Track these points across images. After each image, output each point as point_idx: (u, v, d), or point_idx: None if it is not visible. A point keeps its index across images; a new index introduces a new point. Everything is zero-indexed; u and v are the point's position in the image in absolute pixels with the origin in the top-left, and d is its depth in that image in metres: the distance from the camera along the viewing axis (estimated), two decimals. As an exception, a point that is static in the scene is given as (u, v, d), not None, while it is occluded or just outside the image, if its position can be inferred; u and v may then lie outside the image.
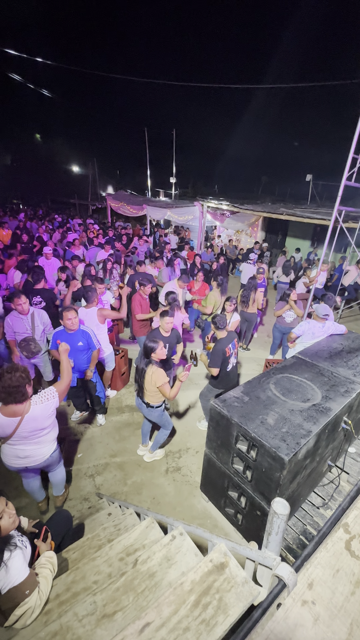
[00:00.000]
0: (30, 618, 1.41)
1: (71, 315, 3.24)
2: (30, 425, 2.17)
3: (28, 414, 2.13)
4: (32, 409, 2.16)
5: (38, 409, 2.18)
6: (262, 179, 29.62)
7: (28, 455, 2.29)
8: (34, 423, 2.18)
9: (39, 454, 2.34)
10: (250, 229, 12.95)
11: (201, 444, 3.76)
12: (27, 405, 2.13)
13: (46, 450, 2.38)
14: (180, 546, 1.56)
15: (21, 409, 2.10)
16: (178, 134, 20.39)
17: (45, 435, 2.32)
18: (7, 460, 2.30)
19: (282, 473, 2.10)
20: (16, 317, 3.73)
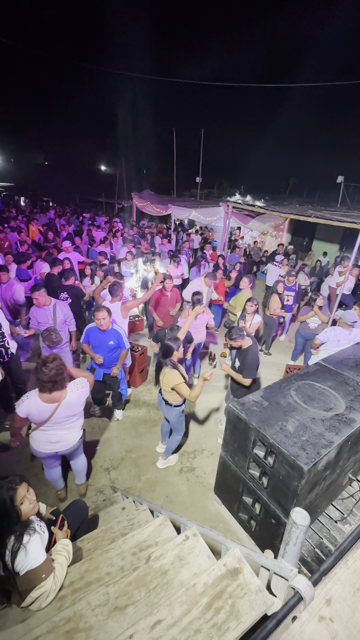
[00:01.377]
0: (45, 601, 1.46)
1: (101, 315, 3.32)
2: (65, 411, 2.29)
3: (64, 400, 2.27)
4: (69, 395, 2.29)
5: (74, 395, 2.32)
6: (290, 180, 28.94)
7: (59, 440, 2.41)
8: (69, 410, 2.31)
9: (69, 438, 2.46)
10: (276, 231, 12.68)
11: (216, 446, 3.73)
12: (64, 392, 2.27)
13: (75, 435, 2.51)
14: (193, 547, 1.55)
15: (59, 395, 2.24)
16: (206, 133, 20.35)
17: (75, 421, 2.45)
18: (38, 446, 2.41)
19: (300, 482, 2.04)
20: (39, 308, 3.89)
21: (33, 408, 2.22)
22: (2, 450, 3.39)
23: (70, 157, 29.17)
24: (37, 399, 2.22)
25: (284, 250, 10.10)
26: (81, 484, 2.97)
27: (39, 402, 2.21)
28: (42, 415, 2.24)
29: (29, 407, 2.22)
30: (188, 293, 5.17)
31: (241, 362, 3.31)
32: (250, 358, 3.22)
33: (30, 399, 2.22)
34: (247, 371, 3.22)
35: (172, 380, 2.87)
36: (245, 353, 3.28)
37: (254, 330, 4.29)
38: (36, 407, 2.21)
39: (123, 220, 15.75)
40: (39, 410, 2.22)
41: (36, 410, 2.22)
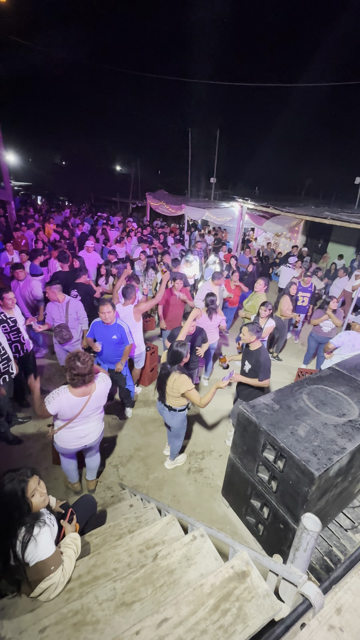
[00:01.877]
0: (53, 593, 1.48)
1: (106, 309, 3.36)
2: (95, 403, 2.39)
3: (95, 392, 2.36)
4: (98, 387, 2.39)
5: (102, 387, 2.42)
6: (306, 181, 28.48)
7: (87, 434, 2.51)
8: (98, 401, 2.41)
9: (95, 430, 2.57)
10: (290, 232, 12.52)
11: (225, 447, 3.71)
12: (94, 385, 2.36)
13: (100, 427, 2.63)
14: (200, 547, 1.55)
15: (89, 389, 2.32)
16: (221, 134, 20.28)
17: (100, 413, 2.56)
18: (67, 444, 2.47)
19: (310, 488, 2.01)
20: (53, 304, 3.98)
21: (64, 404, 2.26)
22: (15, 443, 3.47)
23: (86, 157, 29.60)
24: (69, 395, 2.27)
25: (298, 252, 9.95)
26: (92, 480, 3.01)
27: (70, 397, 2.27)
28: (73, 410, 2.30)
29: (61, 403, 2.26)
30: (199, 298, 5.18)
31: (253, 364, 3.24)
32: (263, 358, 3.17)
33: (61, 395, 2.26)
34: (263, 372, 3.15)
35: (183, 386, 2.78)
36: (257, 354, 3.22)
37: (267, 334, 4.24)
38: (67, 403, 2.27)
39: (137, 220, 15.86)
40: (70, 405, 2.28)
41: (67, 405, 2.27)
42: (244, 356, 3.39)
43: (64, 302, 4.00)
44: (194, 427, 4.04)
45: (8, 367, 3.14)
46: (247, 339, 3.22)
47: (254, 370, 3.24)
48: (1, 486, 1.43)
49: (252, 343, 3.24)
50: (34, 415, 3.88)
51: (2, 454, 3.34)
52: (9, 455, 3.34)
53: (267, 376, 3.17)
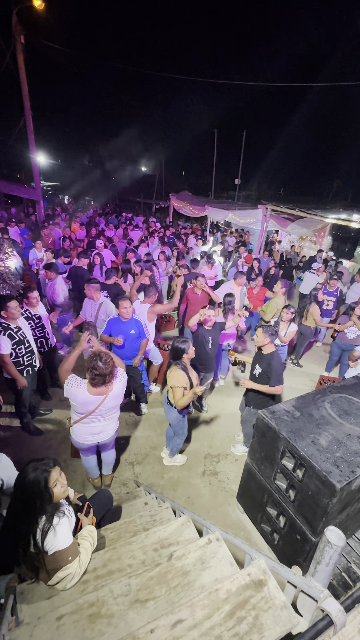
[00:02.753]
0: (70, 583, 1.52)
1: (126, 305, 3.42)
2: (111, 402, 2.39)
3: (112, 392, 2.36)
4: (115, 386, 2.38)
5: (119, 386, 2.42)
6: (334, 183, 27.60)
7: (101, 431, 2.52)
8: (114, 400, 2.41)
9: (110, 429, 2.58)
10: (316, 236, 12.17)
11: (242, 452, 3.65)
12: (111, 385, 2.36)
13: (114, 425, 2.63)
14: (215, 552, 1.53)
15: (106, 389, 2.32)
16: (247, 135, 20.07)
17: (115, 412, 2.56)
18: (81, 438, 2.51)
19: (331, 500, 1.94)
20: (89, 301, 4.11)
21: (79, 398, 2.28)
22: (36, 434, 3.59)
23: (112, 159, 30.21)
24: (85, 391, 2.28)
25: (322, 256, 9.64)
26: (107, 474, 3.06)
27: (86, 394, 2.28)
28: (87, 407, 2.31)
29: (75, 396, 2.28)
30: (220, 295, 5.14)
31: (265, 368, 3.05)
32: (276, 363, 3.00)
33: (79, 389, 2.28)
34: (275, 378, 2.98)
35: (172, 379, 2.78)
36: (268, 358, 3.05)
37: (289, 339, 4.13)
38: (82, 398, 2.28)
39: (160, 220, 15.98)
40: (84, 401, 2.29)
41: (82, 400, 2.28)
42: (255, 359, 3.23)
43: (98, 302, 4.11)
44: (211, 429, 4.01)
45: (32, 360, 3.25)
46: (261, 340, 3.06)
47: (265, 374, 3.05)
48: (25, 474, 1.48)
49: (265, 346, 3.08)
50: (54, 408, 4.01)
51: (23, 445, 3.46)
52: (30, 446, 3.45)
53: (279, 382, 2.99)
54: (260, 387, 3.06)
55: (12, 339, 2.99)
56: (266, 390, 3.04)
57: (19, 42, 8.94)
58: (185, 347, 2.84)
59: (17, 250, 6.69)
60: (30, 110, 9.95)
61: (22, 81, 9.45)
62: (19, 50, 9.06)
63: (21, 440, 3.52)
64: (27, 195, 12.21)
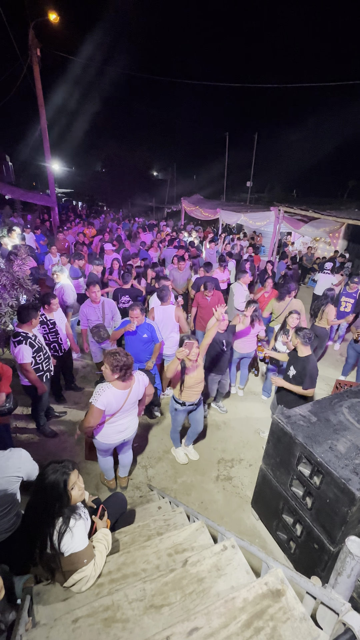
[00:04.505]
0: (85, 585, 1.52)
1: (136, 314, 3.45)
2: (134, 396, 2.52)
3: (135, 384, 2.49)
4: (137, 379, 2.52)
5: (140, 379, 2.56)
6: (349, 183, 27.06)
7: (127, 428, 2.63)
8: (137, 394, 2.54)
9: (133, 424, 2.69)
10: (330, 237, 11.94)
11: (256, 457, 3.59)
12: (133, 378, 2.50)
13: (136, 421, 2.74)
14: (231, 559, 1.51)
15: (130, 382, 2.47)
16: (259, 137, 19.99)
17: (136, 408, 2.68)
18: (108, 439, 2.59)
19: (350, 509, 1.88)
20: (89, 306, 4.11)
21: (111, 398, 2.40)
22: (51, 436, 3.64)
23: (125, 164, 30.66)
24: (113, 389, 2.40)
25: (341, 260, 9.43)
26: (124, 477, 3.08)
27: (115, 391, 2.41)
28: (118, 402, 2.44)
29: (108, 397, 2.38)
30: (239, 303, 5.16)
31: (299, 370, 3.12)
32: (311, 367, 3.05)
33: (107, 390, 2.39)
34: (309, 381, 3.05)
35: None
36: (304, 361, 3.10)
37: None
38: (114, 396, 2.40)
39: (173, 224, 16.07)
40: (115, 397, 2.41)
41: (114, 398, 2.41)
42: (290, 361, 3.29)
43: (100, 303, 4.15)
44: (224, 434, 3.97)
45: (49, 364, 3.31)
46: (291, 344, 3.23)
47: (299, 376, 3.12)
48: (45, 476, 1.49)
49: (300, 348, 3.15)
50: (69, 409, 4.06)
51: (39, 446, 3.52)
52: (45, 448, 3.51)
53: (312, 385, 3.06)
54: (292, 387, 3.14)
55: (32, 347, 3.05)
56: (299, 392, 3.11)
57: (35, 54, 9.24)
58: (185, 339, 2.89)
59: (33, 256, 6.86)
60: (45, 120, 10.26)
61: (37, 92, 9.75)
62: (35, 63, 9.37)
63: (37, 442, 3.59)
64: (43, 202, 12.54)
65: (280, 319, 4.73)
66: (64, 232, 9.03)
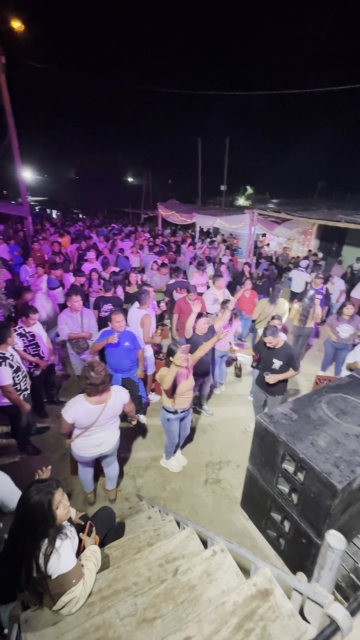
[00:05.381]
0: (75, 607, 1.48)
1: (119, 318, 3.42)
2: (110, 412, 2.44)
3: (110, 400, 2.42)
4: (113, 395, 2.45)
5: (117, 396, 2.47)
6: (318, 184, 28.16)
7: (103, 442, 2.56)
8: (112, 410, 2.46)
9: (111, 439, 2.61)
10: (303, 237, 12.38)
11: (243, 458, 3.64)
12: (109, 393, 2.42)
13: (114, 435, 2.65)
14: (221, 563, 1.52)
15: (105, 397, 2.39)
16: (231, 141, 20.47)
17: (115, 422, 2.60)
18: (83, 452, 2.53)
19: (333, 502, 1.95)
20: (68, 316, 4.03)
21: (80, 412, 2.34)
22: (34, 453, 3.53)
23: (99, 171, 30.50)
24: (85, 403, 2.35)
25: (314, 258, 9.80)
26: (111, 489, 3.03)
27: (86, 405, 2.34)
28: (89, 417, 2.36)
29: (77, 411, 2.33)
30: (209, 305, 5.21)
31: (285, 359, 3.38)
32: (292, 350, 3.39)
33: (77, 404, 2.34)
34: (296, 362, 3.37)
35: (158, 375, 2.92)
36: (285, 349, 3.38)
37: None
38: (84, 411, 2.34)
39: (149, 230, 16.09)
40: (86, 412, 2.35)
41: (84, 413, 2.34)
42: (270, 355, 3.46)
43: (79, 312, 4.08)
44: (210, 437, 4.00)
45: (27, 383, 3.23)
46: (275, 342, 3.35)
47: (286, 365, 3.40)
48: (28, 497, 1.45)
49: (275, 342, 3.37)
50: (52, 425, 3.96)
51: (22, 465, 3.40)
52: (28, 466, 3.39)
53: (299, 363, 3.43)
54: (286, 375, 3.40)
55: (12, 368, 2.96)
56: (293, 375, 3.42)
57: (0, 63, 9.05)
58: (174, 349, 2.90)
59: (8, 268, 6.66)
60: (14, 127, 10.02)
61: (4, 100, 9.52)
62: (1, 71, 9.17)
63: (19, 460, 3.47)
64: (15, 212, 12.19)
65: (266, 321, 4.85)
66: (39, 242, 8.81)
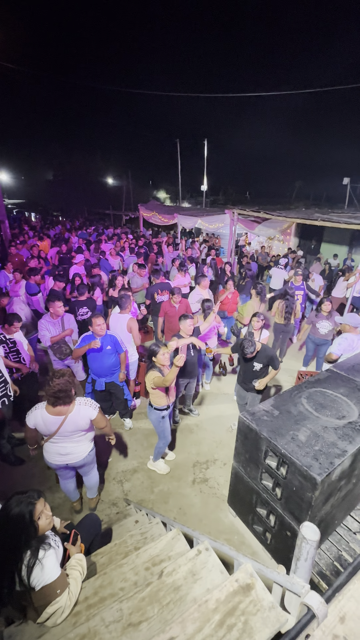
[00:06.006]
0: (60, 617, 1.47)
1: (100, 322, 3.38)
2: (71, 425, 2.34)
3: (71, 413, 2.32)
4: (76, 409, 2.35)
5: (82, 410, 2.37)
6: (296, 183, 28.88)
7: (69, 453, 2.47)
8: (75, 424, 2.35)
9: (78, 451, 2.52)
10: (283, 235, 12.65)
11: (229, 456, 3.69)
12: (71, 406, 2.33)
13: (84, 448, 2.55)
14: (205, 562, 1.54)
15: (66, 409, 2.30)
16: (209, 142, 20.65)
17: (83, 435, 2.49)
18: (50, 457, 2.49)
19: (314, 494, 2.01)
20: (49, 321, 3.96)
21: (39, 419, 2.29)
22: (17, 464, 3.45)
23: (78, 172, 29.99)
24: (44, 411, 2.29)
25: (293, 256, 10.04)
26: (92, 498, 2.99)
27: (45, 414, 2.29)
28: (48, 427, 2.31)
29: (36, 418, 2.30)
30: (193, 304, 5.23)
31: (264, 361, 3.46)
32: (271, 351, 3.47)
33: (37, 410, 2.31)
34: (276, 361, 3.47)
35: (150, 379, 2.93)
36: (264, 351, 3.44)
37: None
38: (42, 419, 2.29)
39: (131, 231, 15.99)
40: (44, 421, 2.29)
41: (42, 421, 2.29)
42: (248, 359, 3.50)
43: (59, 317, 4.02)
44: (197, 437, 4.03)
45: (6, 389, 3.15)
46: (254, 351, 3.38)
47: (265, 367, 3.52)
48: (9, 509, 1.43)
49: (257, 348, 3.41)
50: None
51: (5, 476, 3.32)
52: (12, 477, 3.32)
53: (279, 362, 3.54)
54: (271, 376, 3.53)
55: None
56: (275, 374, 3.53)
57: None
58: (156, 349, 2.96)
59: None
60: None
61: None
62: (-30, 71, 8.90)
63: (1, 472, 3.38)
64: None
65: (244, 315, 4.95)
66: (17, 246, 8.59)
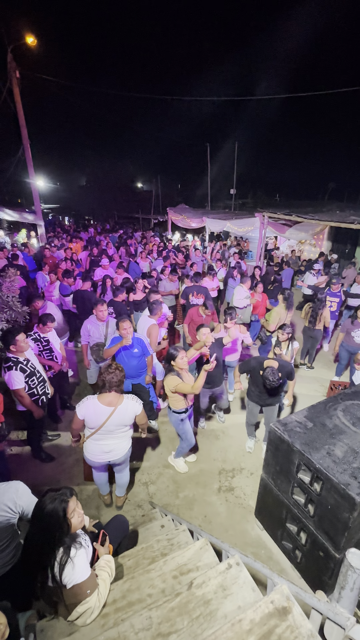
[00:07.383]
0: (89, 618, 1.48)
1: (126, 325, 3.41)
2: (118, 418, 2.44)
3: (121, 405, 2.43)
4: (125, 402, 2.47)
5: (130, 404, 2.48)
6: (328, 185, 27.82)
7: (112, 450, 2.56)
8: (122, 418, 2.46)
9: (121, 447, 2.60)
10: (315, 239, 12.21)
11: (256, 465, 3.58)
12: (121, 398, 2.46)
13: (126, 444, 2.64)
14: (236, 577, 1.49)
15: (116, 401, 2.43)
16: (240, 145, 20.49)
17: (126, 432, 2.60)
18: (93, 456, 2.58)
19: (351, 514, 1.89)
20: (94, 323, 4.08)
21: (90, 409, 2.39)
22: (48, 460, 3.57)
23: (109, 178, 30.98)
24: (96, 401, 2.40)
25: (324, 259, 9.65)
26: (120, 496, 3.04)
27: (97, 404, 2.39)
28: (98, 417, 2.40)
29: (87, 408, 2.39)
30: (241, 300, 5.31)
31: (284, 375, 3.25)
32: (290, 366, 3.33)
33: (89, 400, 2.42)
34: (293, 373, 3.35)
35: (169, 384, 2.95)
36: (282, 369, 3.20)
37: (291, 358, 3.99)
38: (94, 409, 2.39)
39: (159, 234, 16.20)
40: (95, 412, 2.39)
41: (93, 412, 2.39)
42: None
43: (105, 321, 4.13)
44: (223, 444, 3.95)
45: (45, 388, 3.27)
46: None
47: (284, 378, 3.31)
48: (43, 506, 1.46)
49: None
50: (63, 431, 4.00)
51: (37, 471, 3.45)
52: (43, 472, 3.44)
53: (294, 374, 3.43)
54: (291, 390, 3.48)
55: (24, 372, 3.00)
56: (294, 386, 3.49)
57: (14, 77, 9.37)
58: (173, 354, 2.98)
59: (24, 275, 6.80)
60: (27, 139, 10.34)
61: (19, 113, 9.85)
62: (15, 85, 9.49)
63: (34, 467, 3.51)
64: (30, 220, 12.50)
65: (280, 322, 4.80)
66: (51, 248, 8.98)
